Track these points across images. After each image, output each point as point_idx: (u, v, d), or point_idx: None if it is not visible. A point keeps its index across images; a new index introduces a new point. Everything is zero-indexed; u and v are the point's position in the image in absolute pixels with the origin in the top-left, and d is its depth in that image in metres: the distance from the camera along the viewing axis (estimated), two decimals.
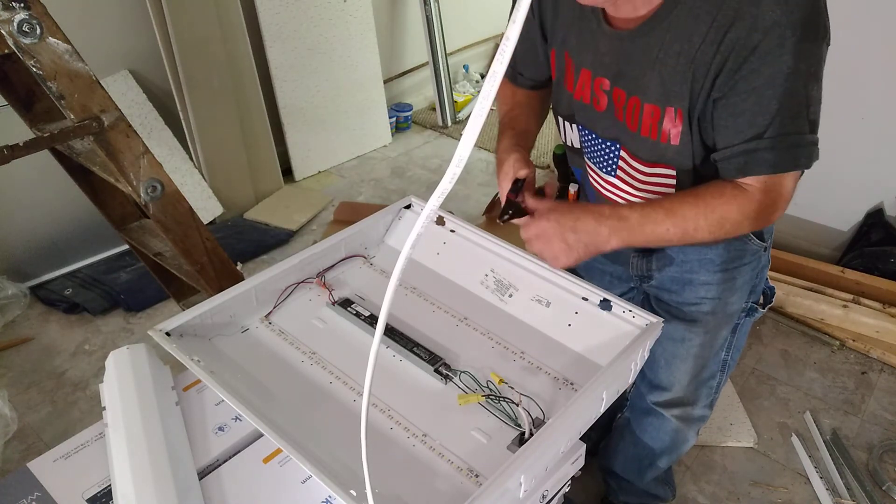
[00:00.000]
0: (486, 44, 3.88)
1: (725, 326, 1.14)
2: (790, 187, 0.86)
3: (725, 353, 1.18)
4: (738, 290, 1.09)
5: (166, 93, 2.41)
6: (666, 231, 0.86)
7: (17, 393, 1.86)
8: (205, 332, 0.96)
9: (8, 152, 1.09)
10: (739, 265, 1.06)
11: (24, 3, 1.02)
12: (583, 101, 0.97)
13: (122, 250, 2.40)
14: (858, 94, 2.06)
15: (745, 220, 0.86)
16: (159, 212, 1.28)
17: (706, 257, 1.04)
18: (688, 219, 0.86)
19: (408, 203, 1.21)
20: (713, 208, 0.85)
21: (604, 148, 1.00)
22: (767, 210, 0.86)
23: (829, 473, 1.66)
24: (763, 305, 1.14)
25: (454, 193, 2.89)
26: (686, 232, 0.86)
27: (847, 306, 2.07)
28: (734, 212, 0.85)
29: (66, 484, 0.79)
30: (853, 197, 2.24)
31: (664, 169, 0.93)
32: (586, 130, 1.01)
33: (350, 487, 0.69)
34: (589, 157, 1.05)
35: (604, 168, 1.02)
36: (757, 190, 0.85)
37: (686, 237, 0.87)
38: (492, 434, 0.84)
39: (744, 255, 1.05)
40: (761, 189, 0.85)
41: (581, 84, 0.96)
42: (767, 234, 1.07)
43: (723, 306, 1.10)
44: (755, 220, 0.87)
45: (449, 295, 1.08)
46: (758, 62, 0.77)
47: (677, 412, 1.24)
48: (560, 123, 1.07)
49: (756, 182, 0.85)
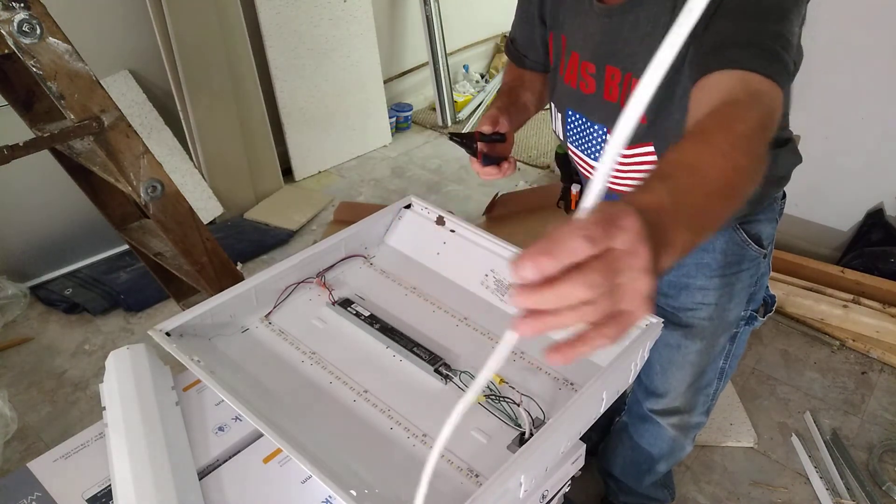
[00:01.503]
0: (486, 44, 3.88)
1: (723, 334, 1.12)
2: (773, 94, 0.67)
3: (724, 362, 1.17)
4: (735, 297, 1.07)
5: (166, 93, 2.41)
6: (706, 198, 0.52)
7: (17, 393, 1.86)
8: (205, 332, 0.96)
9: (8, 152, 1.09)
10: (737, 271, 1.05)
11: (24, 3, 1.02)
12: (570, 86, 0.97)
13: (122, 250, 2.40)
14: (858, 94, 2.06)
15: (775, 106, 0.65)
16: (159, 212, 1.28)
17: (703, 261, 1.04)
18: (716, 157, 0.54)
19: (408, 203, 1.21)
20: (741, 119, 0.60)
21: (591, 132, 0.99)
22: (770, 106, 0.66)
23: (829, 473, 1.66)
24: (763, 314, 1.13)
25: (454, 193, 2.89)
26: (728, 175, 0.54)
27: (847, 306, 2.07)
28: (753, 115, 0.62)
29: (66, 484, 0.79)
30: (853, 197, 2.24)
31: (645, 147, 0.91)
32: (576, 115, 1.00)
33: (350, 487, 0.69)
34: (574, 143, 1.04)
35: (589, 153, 1.02)
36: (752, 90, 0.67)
37: (738, 181, 0.55)
38: (492, 434, 0.84)
39: (742, 260, 1.04)
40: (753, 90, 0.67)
41: (570, 67, 0.96)
42: (767, 240, 1.05)
43: (720, 313, 1.08)
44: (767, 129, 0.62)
45: (449, 295, 1.08)
46: None
47: (674, 420, 1.24)
48: (553, 113, 1.07)
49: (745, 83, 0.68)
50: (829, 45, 2.02)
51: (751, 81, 0.67)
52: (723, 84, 0.68)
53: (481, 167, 1.01)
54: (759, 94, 0.66)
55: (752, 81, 0.67)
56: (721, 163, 0.54)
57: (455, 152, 3.21)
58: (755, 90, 0.66)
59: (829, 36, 2.02)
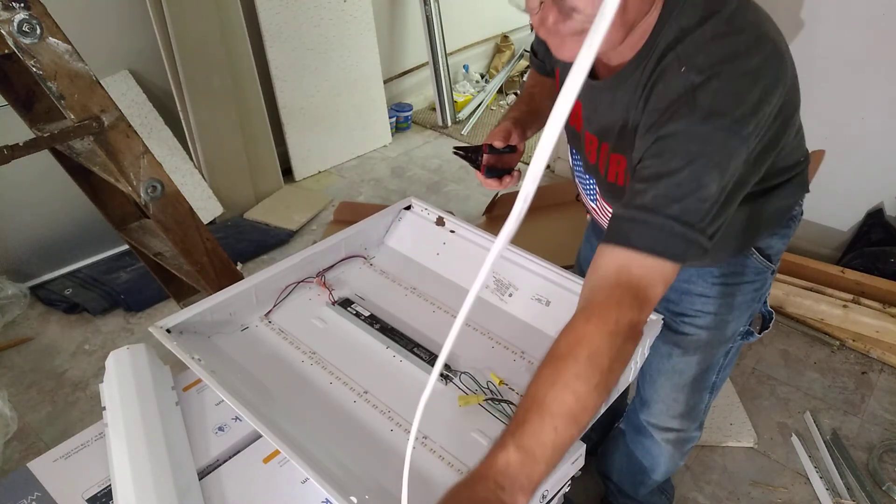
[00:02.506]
0: (486, 44, 3.88)
1: (720, 347, 1.09)
2: (635, 273, 0.69)
3: (715, 376, 1.15)
4: (736, 309, 1.04)
5: (166, 93, 2.41)
6: (554, 432, 0.64)
7: (17, 393, 1.86)
8: (204, 329, 0.96)
9: (8, 152, 1.09)
10: (740, 281, 1.02)
11: (24, 3, 1.02)
12: (575, 129, 0.97)
13: (122, 250, 2.40)
14: (858, 94, 2.06)
15: (617, 337, 0.67)
16: (159, 212, 1.28)
17: (705, 269, 1.02)
18: (558, 394, 0.64)
19: (408, 204, 1.21)
20: (572, 355, 0.66)
21: (584, 178, 1.01)
22: (626, 310, 0.68)
23: (829, 473, 1.66)
24: (760, 330, 1.10)
25: (454, 193, 2.89)
26: (573, 410, 0.64)
27: (847, 306, 2.07)
28: (595, 336, 0.67)
29: (66, 484, 0.79)
30: (853, 197, 2.24)
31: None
32: (577, 156, 1.02)
33: (350, 492, 0.69)
34: (578, 181, 1.05)
35: (588, 194, 1.03)
36: (607, 294, 0.69)
37: (581, 415, 0.65)
38: (492, 435, 0.84)
39: (744, 270, 1.01)
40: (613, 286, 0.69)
41: (573, 112, 0.96)
42: (775, 255, 1.02)
43: (718, 324, 1.05)
44: (626, 330, 0.68)
45: (449, 295, 1.08)
46: (654, 134, 0.71)
47: (669, 436, 1.23)
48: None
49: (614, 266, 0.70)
50: (829, 45, 2.03)
51: (631, 266, 0.70)
52: (606, 267, 0.71)
53: (484, 178, 1.02)
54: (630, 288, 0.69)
55: (632, 266, 0.70)
56: (565, 396, 0.65)
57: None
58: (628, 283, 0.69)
59: (829, 36, 2.02)
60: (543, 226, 2.35)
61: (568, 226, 2.23)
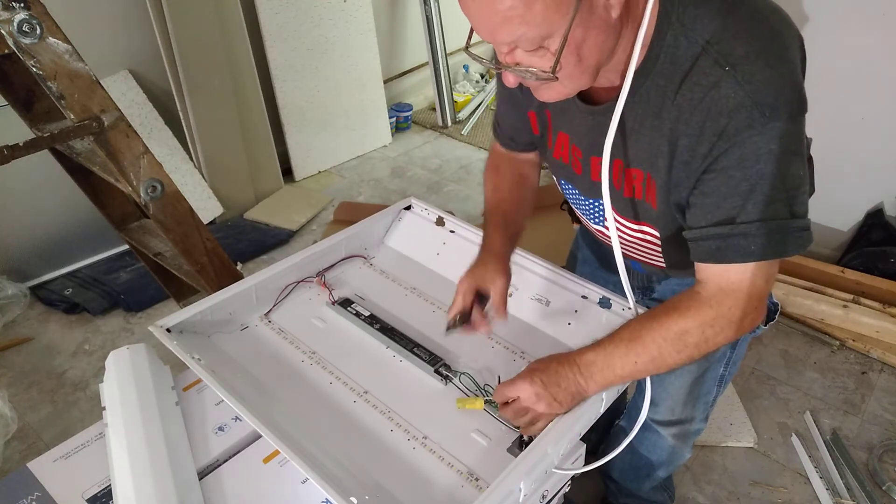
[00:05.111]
0: (486, 44, 3.87)
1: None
2: (759, 283, 0.76)
3: (724, 369, 1.15)
4: None
5: (166, 93, 2.41)
6: (634, 364, 0.80)
7: (17, 393, 1.86)
8: (204, 329, 0.96)
9: (8, 152, 1.09)
10: None
11: (24, 3, 1.02)
12: (562, 161, 0.95)
13: (122, 250, 2.40)
14: (858, 94, 2.06)
15: (708, 330, 0.78)
16: (159, 212, 1.28)
17: None
18: (648, 344, 0.79)
19: (408, 204, 1.21)
20: (668, 326, 0.79)
21: (587, 203, 0.98)
22: (731, 313, 0.77)
23: (829, 473, 1.66)
24: (765, 322, 1.10)
25: (454, 193, 2.89)
26: (654, 359, 0.79)
27: (847, 306, 2.06)
28: (691, 324, 0.78)
29: (66, 484, 0.79)
30: (853, 197, 2.24)
31: (649, 228, 0.90)
32: (568, 185, 0.99)
33: (349, 493, 0.69)
34: (576, 207, 1.03)
35: (591, 219, 1.01)
36: (712, 295, 0.78)
37: (657, 364, 0.80)
38: (492, 436, 0.84)
39: None
40: (717, 292, 0.78)
41: (560, 145, 0.94)
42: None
43: None
44: (722, 328, 0.78)
45: (449, 295, 1.08)
46: (725, 144, 0.72)
47: (675, 430, 1.23)
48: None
49: (719, 279, 0.77)
50: (828, 45, 2.02)
51: (756, 277, 0.77)
52: (736, 282, 0.78)
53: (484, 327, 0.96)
54: (761, 299, 0.78)
55: (757, 276, 0.77)
56: (659, 345, 0.79)
57: (455, 152, 3.22)
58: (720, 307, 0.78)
59: (828, 36, 2.02)
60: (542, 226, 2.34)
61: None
